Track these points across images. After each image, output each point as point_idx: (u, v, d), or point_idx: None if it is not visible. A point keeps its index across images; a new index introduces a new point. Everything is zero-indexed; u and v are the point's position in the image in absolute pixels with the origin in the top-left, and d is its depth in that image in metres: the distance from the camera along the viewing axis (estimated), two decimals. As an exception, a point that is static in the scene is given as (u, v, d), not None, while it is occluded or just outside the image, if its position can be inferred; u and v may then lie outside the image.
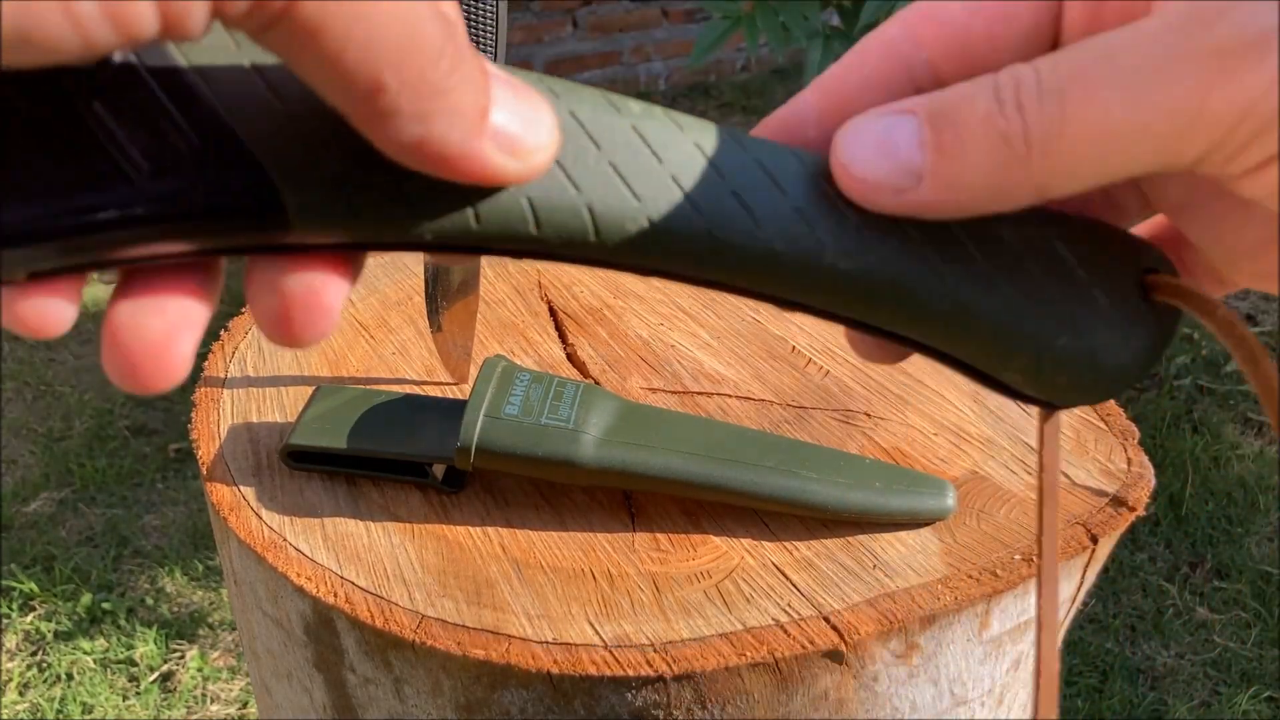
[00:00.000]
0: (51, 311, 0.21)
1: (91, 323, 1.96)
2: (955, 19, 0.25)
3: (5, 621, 1.36)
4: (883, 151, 0.23)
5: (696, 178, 0.24)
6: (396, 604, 0.40)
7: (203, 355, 0.56)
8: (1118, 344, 0.25)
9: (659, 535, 0.44)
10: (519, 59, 2.63)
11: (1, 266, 0.21)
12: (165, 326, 0.22)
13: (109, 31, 0.17)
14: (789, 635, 0.39)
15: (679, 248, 0.24)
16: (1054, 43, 0.25)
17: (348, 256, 0.23)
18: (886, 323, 0.25)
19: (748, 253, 0.24)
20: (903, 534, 0.43)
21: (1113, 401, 0.51)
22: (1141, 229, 0.28)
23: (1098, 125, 0.21)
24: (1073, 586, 0.44)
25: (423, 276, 0.53)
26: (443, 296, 0.52)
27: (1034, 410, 0.51)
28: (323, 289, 0.22)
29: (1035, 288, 0.25)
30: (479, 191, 0.23)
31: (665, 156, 0.24)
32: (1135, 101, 0.21)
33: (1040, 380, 0.26)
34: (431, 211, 0.23)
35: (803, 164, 0.24)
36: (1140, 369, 0.26)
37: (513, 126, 0.22)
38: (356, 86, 0.20)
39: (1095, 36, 0.22)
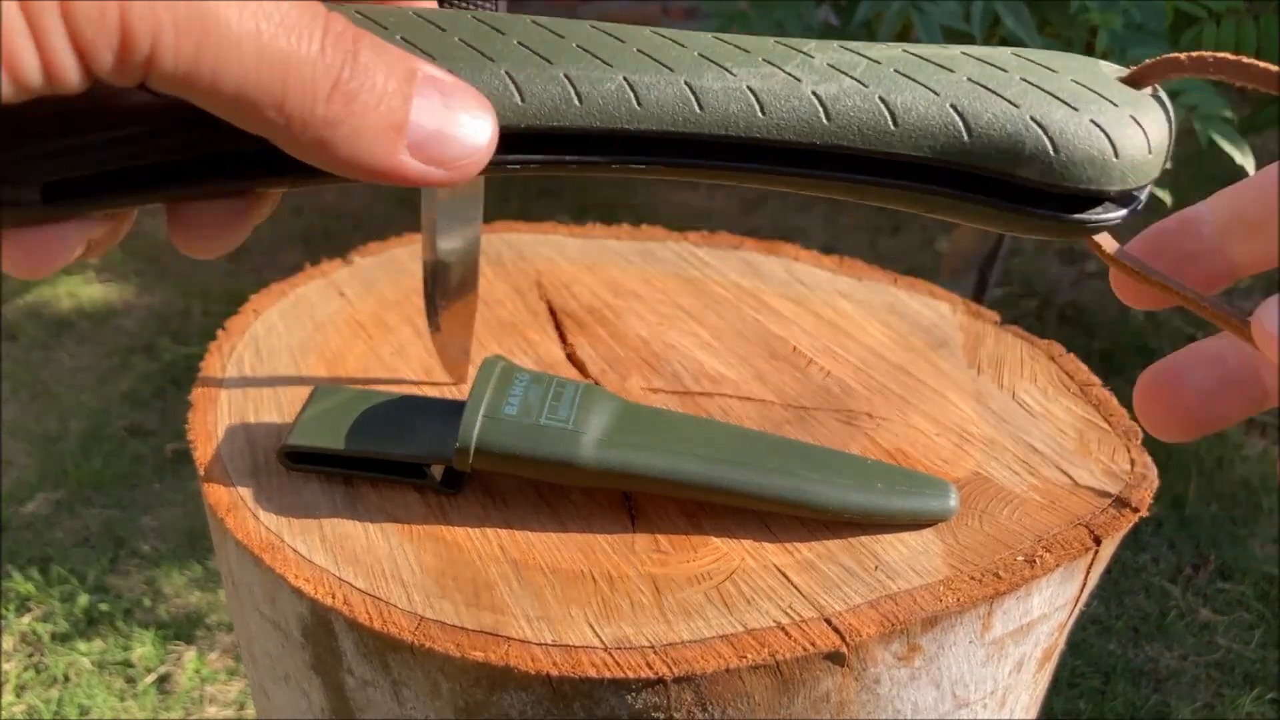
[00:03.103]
0: None
1: (88, 323, 1.96)
2: None
3: (2, 623, 1.36)
4: None
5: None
6: (395, 605, 0.40)
7: (199, 355, 0.55)
8: (1116, 113, 0.27)
9: (659, 537, 0.43)
10: (519, 59, 2.63)
11: None
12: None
13: (8, 83, 0.20)
14: (790, 637, 0.38)
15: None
16: None
17: None
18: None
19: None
20: (905, 535, 0.43)
21: (1116, 402, 0.51)
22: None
23: None
24: (1076, 588, 0.44)
25: (421, 276, 0.53)
26: (441, 296, 0.52)
27: (1033, 410, 0.50)
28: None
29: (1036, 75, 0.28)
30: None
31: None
32: None
33: (1055, 169, 0.27)
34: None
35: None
36: (1151, 144, 0.27)
37: (438, 139, 0.23)
38: (247, 122, 0.21)
39: None
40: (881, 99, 0.28)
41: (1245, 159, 1.09)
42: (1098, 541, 0.43)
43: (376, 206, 2.34)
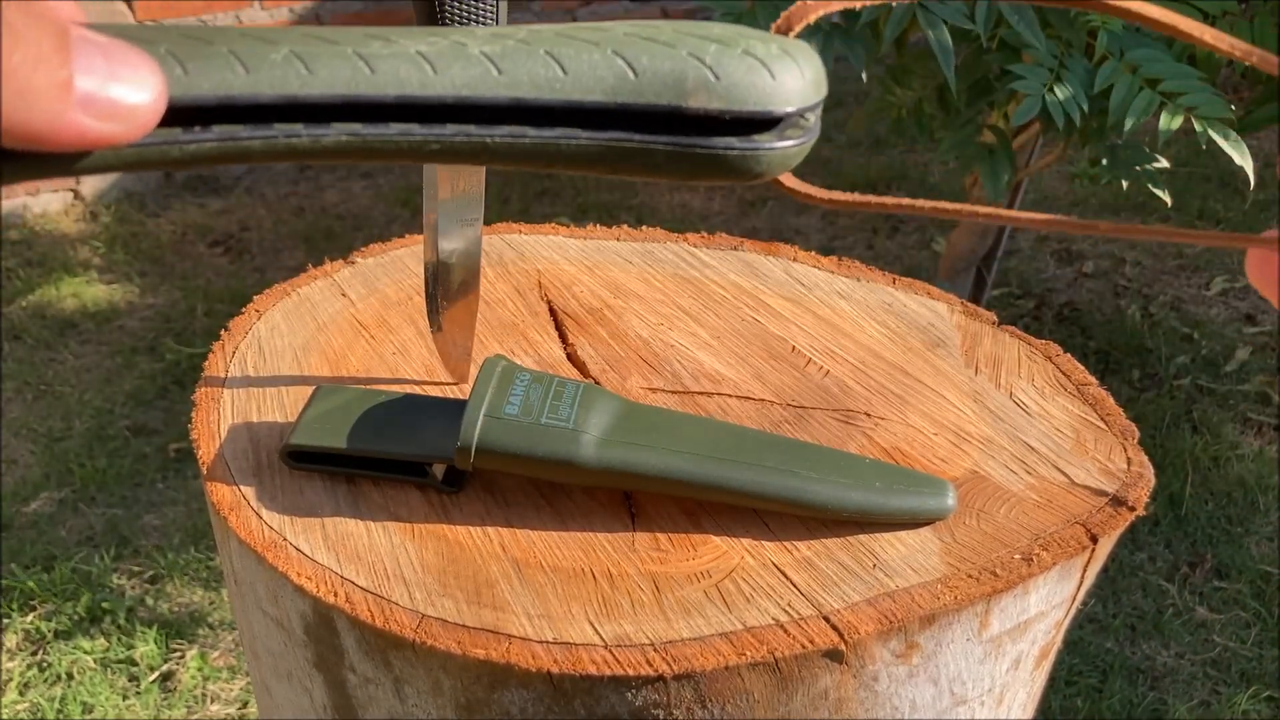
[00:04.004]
0: None
1: (92, 323, 1.96)
2: None
3: (5, 621, 1.36)
4: None
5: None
6: (396, 604, 0.40)
7: (203, 355, 0.56)
8: (765, 46, 0.30)
9: (659, 535, 0.44)
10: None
11: None
12: None
13: None
14: (789, 635, 0.39)
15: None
16: None
17: None
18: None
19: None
20: (903, 534, 0.43)
21: (1112, 401, 0.51)
22: None
23: None
24: (1072, 586, 0.44)
25: (423, 276, 0.53)
26: (443, 296, 0.52)
27: (1031, 410, 0.51)
28: None
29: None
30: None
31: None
32: None
33: (720, 93, 0.30)
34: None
35: None
36: (804, 71, 0.30)
37: (105, 92, 0.23)
38: None
39: None
40: (547, 52, 0.29)
41: (1243, 159, 1.10)
42: (1094, 540, 0.43)
43: (378, 208, 2.34)
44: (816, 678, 0.39)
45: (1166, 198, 1.28)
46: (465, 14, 0.45)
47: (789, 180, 0.31)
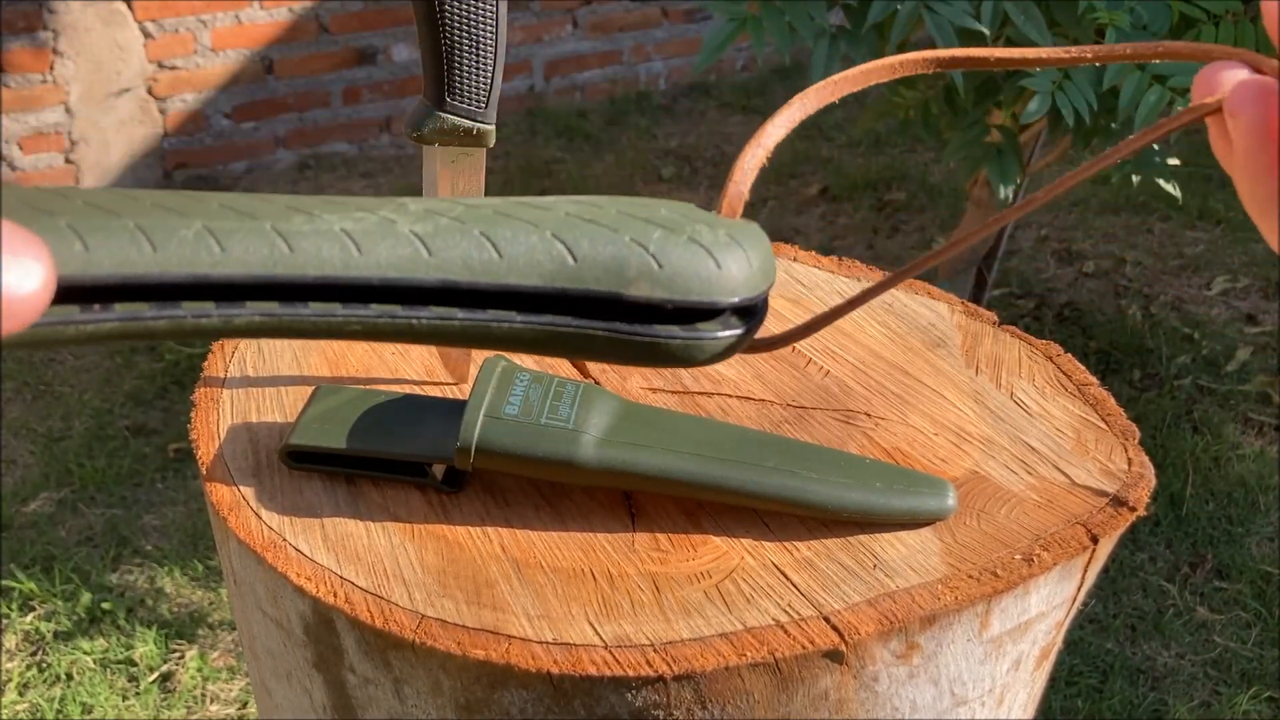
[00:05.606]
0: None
1: (91, 323, 1.96)
2: None
3: (5, 621, 1.36)
4: None
5: None
6: (396, 604, 0.40)
7: (202, 356, 0.56)
8: (711, 232, 0.30)
9: (659, 535, 0.44)
10: (519, 59, 2.63)
11: None
12: None
13: None
14: (789, 635, 0.38)
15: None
16: None
17: None
18: None
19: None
20: (903, 534, 0.43)
21: (1113, 402, 0.51)
22: None
23: None
24: (1073, 586, 0.44)
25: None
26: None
27: (1031, 410, 0.51)
28: None
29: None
30: None
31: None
32: None
33: (663, 282, 0.29)
34: None
35: None
36: (751, 259, 0.30)
37: None
38: None
39: None
40: (482, 233, 0.28)
41: None
42: (1095, 540, 0.43)
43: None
44: (817, 678, 0.39)
45: (1176, 193, 1.27)
46: (465, 13, 0.45)
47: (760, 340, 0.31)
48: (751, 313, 0.30)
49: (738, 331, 0.30)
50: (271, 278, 0.26)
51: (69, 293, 0.24)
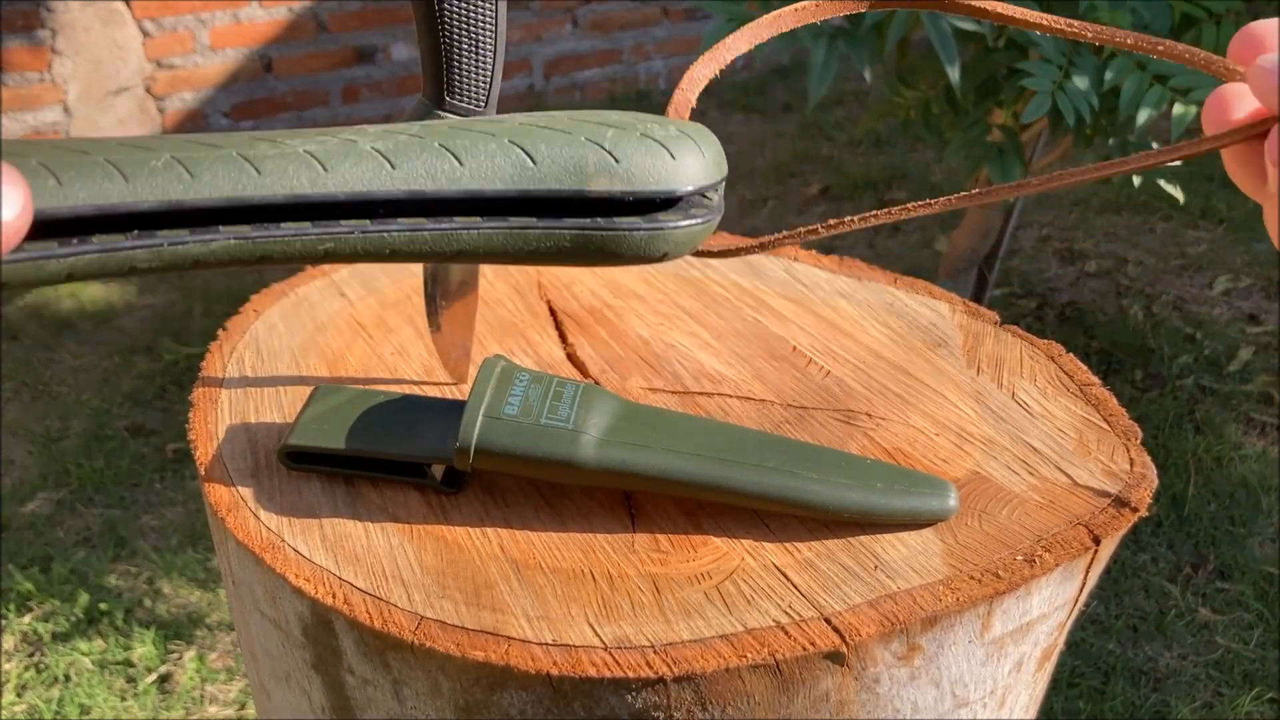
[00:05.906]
0: None
1: (89, 323, 1.96)
2: None
3: (3, 622, 1.36)
4: None
5: None
6: (395, 605, 0.40)
7: (200, 355, 0.55)
8: (662, 128, 0.31)
9: (659, 536, 0.44)
10: (519, 58, 2.63)
11: None
12: None
13: None
14: (790, 637, 0.38)
15: None
16: None
17: None
18: None
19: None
20: (904, 535, 0.43)
21: (1115, 402, 0.51)
22: None
23: None
24: (1075, 587, 0.44)
25: (421, 276, 0.53)
26: (442, 296, 0.52)
27: (1033, 410, 0.50)
28: None
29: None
30: None
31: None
32: None
33: (622, 175, 0.30)
34: None
35: None
36: (703, 150, 0.32)
37: None
38: None
39: None
40: (441, 144, 0.29)
41: None
42: (1097, 541, 0.43)
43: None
44: (817, 680, 0.39)
45: (1179, 194, 1.27)
46: (465, 13, 0.44)
47: (716, 242, 0.32)
48: (708, 203, 0.32)
49: (696, 221, 0.31)
50: (243, 199, 0.27)
51: (47, 227, 0.25)
